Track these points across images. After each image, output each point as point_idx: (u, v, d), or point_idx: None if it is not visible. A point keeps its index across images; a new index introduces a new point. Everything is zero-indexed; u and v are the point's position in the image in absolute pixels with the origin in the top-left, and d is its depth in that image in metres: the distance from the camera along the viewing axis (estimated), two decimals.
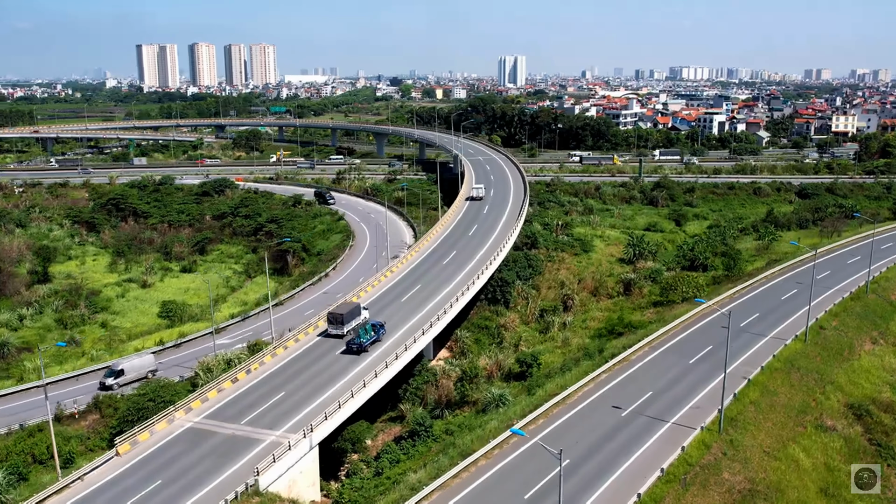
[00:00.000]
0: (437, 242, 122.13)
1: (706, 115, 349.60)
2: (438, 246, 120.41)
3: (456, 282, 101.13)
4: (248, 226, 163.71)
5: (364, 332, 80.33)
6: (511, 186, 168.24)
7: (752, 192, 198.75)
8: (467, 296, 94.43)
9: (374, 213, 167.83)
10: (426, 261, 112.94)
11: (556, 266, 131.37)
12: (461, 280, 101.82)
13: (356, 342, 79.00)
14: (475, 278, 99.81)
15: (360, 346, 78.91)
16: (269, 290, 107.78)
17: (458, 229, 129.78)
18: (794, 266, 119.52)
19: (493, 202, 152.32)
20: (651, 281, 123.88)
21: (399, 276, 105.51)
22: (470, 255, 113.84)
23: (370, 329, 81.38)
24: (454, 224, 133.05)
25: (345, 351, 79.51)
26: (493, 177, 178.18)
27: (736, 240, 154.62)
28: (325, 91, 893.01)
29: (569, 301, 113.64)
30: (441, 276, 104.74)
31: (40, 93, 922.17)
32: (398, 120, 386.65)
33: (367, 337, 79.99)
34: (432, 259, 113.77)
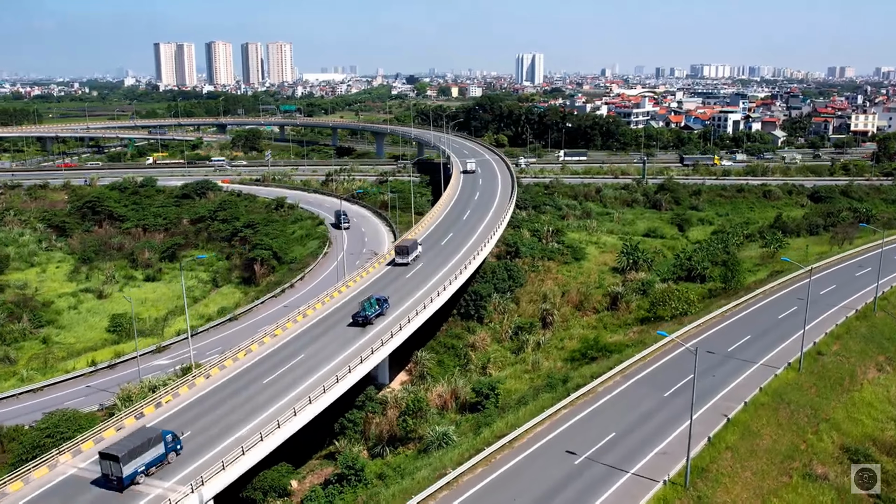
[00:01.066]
0: None
1: (721, 113, 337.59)
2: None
3: (417, 296, 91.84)
4: (225, 230, 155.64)
5: (369, 305, 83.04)
6: (498, 190, 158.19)
7: (761, 195, 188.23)
8: (423, 315, 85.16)
9: (358, 217, 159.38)
10: (393, 270, 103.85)
11: (542, 277, 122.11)
12: (425, 292, 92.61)
13: (362, 314, 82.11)
14: (438, 292, 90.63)
15: (366, 318, 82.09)
16: (210, 307, 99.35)
17: (433, 237, 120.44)
18: (798, 279, 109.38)
19: (476, 206, 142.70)
20: (641, 294, 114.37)
21: (359, 290, 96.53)
22: (441, 265, 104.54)
23: (374, 303, 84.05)
24: (429, 231, 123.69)
25: (351, 324, 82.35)
26: (480, 180, 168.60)
27: (740, 247, 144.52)
28: (341, 90, 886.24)
29: (548, 317, 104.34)
30: (404, 288, 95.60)
31: (58, 91, 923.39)
32: (406, 119, 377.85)
33: (371, 310, 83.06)
34: (399, 269, 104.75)
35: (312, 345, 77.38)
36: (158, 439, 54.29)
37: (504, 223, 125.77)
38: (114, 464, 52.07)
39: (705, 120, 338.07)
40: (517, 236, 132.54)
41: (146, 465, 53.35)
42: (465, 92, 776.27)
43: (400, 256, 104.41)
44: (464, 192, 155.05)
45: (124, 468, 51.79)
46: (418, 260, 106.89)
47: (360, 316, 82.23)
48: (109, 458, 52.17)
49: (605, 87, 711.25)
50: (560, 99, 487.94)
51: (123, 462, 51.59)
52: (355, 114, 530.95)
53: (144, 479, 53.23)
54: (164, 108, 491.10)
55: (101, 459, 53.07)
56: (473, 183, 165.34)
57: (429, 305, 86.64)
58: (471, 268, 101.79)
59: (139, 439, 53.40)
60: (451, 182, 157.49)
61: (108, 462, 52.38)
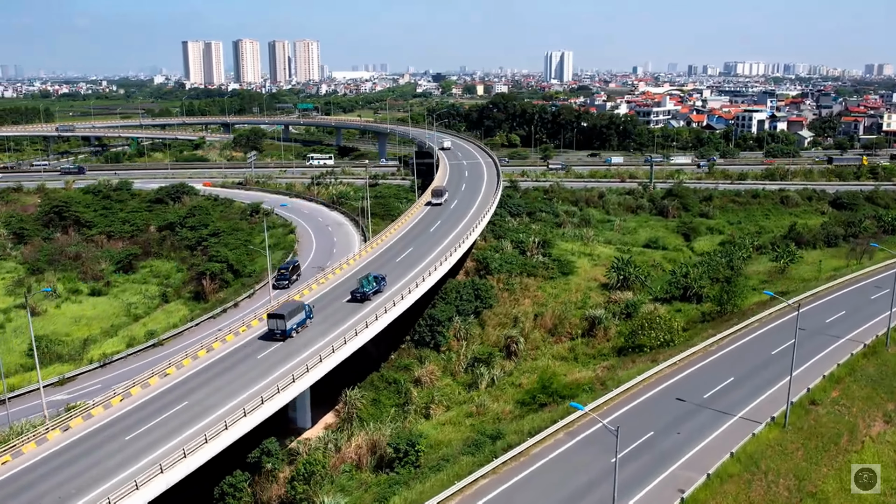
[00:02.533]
0: (357, 269, 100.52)
1: (745, 112, 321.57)
2: (358, 273, 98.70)
3: (356, 317, 79.62)
4: (192, 239, 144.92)
5: (367, 282, 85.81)
6: (479, 197, 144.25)
7: (778, 201, 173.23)
8: (354, 343, 73.08)
9: (335, 224, 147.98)
10: (340, 287, 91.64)
11: (517, 296, 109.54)
12: (365, 314, 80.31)
13: (360, 291, 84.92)
14: (379, 313, 78.53)
15: (364, 294, 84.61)
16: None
17: (390, 252, 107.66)
18: (806, 301, 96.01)
19: (451, 215, 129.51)
20: (625, 317, 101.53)
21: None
22: (394, 281, 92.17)
23: (372, 280, 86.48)
24: (387, 246, 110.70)
25: (350, 300, 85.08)
26: (465, 185, 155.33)
27: (747, 261, 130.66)
28: (365, 88, 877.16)
29: (513, 345, 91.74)
30: (336, 315, 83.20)
31: (85, 89, 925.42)
32: (419, 118, 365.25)
33: (370, 287, 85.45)
34: (348, 285, 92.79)
35: (208, 385, 65.55)
36: (302, 307, 76.46)
37: (471, 238, 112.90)
38: (279, 320, 73.27)
39: (729, 119, 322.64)
40: (489, 252, 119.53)
41: (297, 324, 74.54)
42: (491, 90, 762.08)
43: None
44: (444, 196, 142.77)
45: (287, 323, 73.16)
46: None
47: (358, 293, 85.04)
48: (276, 317, 73.47)
49: (632, 85, 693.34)
50: (581, 97, 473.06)
51: (287, 319, 72.85)
52: (374, 112, 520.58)
53: (296, 334, 73.57)
54: (178, 107, 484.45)
55: (268, 318, 74.53)
56: (457, 185, 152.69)
57: (361, 332, 74.65)
58: (420, 290, 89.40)
59: (293, 306, 75.95)
60: (432, 185, 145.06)
61: (275, 319, 73.70)
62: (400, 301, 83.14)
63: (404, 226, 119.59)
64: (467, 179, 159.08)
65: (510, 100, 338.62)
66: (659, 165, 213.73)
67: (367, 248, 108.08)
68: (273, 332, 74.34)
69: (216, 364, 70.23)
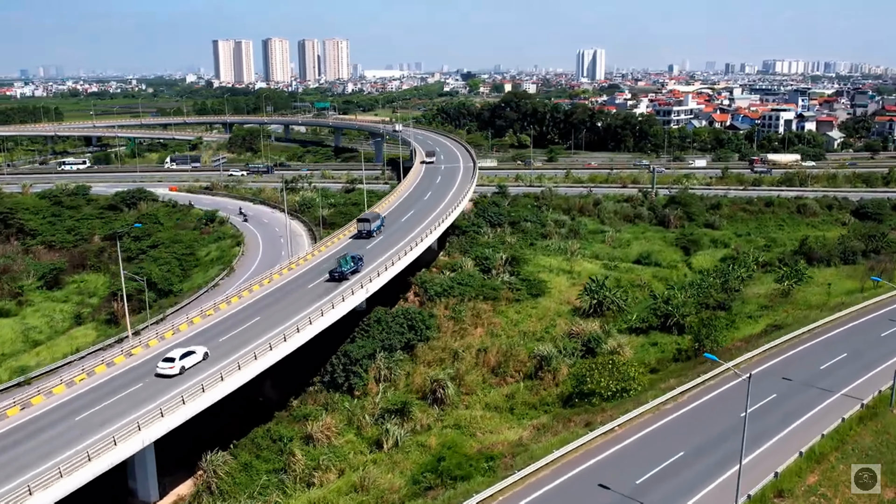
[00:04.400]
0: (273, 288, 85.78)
1: (773, 111, 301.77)
2: (274, 292, 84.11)
3: (247, 349, 64.99)
4: (133, 250, 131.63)
5: (345, 262, 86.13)
6: (438, 208, 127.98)
7: (795, 210, 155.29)
8: (228, 383, 58.54)
9: (293, 235, 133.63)
10: (241, 313, 77.12)
11: (467, 325, 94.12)
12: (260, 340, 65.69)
13: (338, 270, 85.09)
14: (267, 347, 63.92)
15: (342, 274, 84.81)
16: None
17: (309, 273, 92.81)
18: (802, 338, 79.79)
19: (399, 228, 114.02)
20: (585, 353, 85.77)
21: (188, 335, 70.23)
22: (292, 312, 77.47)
23: (350, 260, 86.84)
24: (306, 268, 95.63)
25: (328, 279, 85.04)
26: (429, 193, 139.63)
27: (747, 281, 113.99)
28: (392, 86, 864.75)
29: (439, 390, 76.33)
30: (224, 346, 68.64)
31: (114, 88, 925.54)
32: (434, 118, 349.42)
33: (347, 267, 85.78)
34: (265, 302, 78.22)
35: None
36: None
37: (413, 252, 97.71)
38: (365, 223, 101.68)
39: (755, 119, 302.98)
40: (430, 275, 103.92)
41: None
42: (519, 88, 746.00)
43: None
44: (408, 201, 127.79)
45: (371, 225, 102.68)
46: (282, 300, 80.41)
47: (336, 272, 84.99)
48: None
49: (662, 83, 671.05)
50: (603, 96, 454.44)
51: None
52: (392, 112, 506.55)
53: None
54: (191, 105, 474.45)
55: (358, 222, 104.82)
56: (418, 201, 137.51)
57: (221, 382, 60.00)
58: (331, 315, 74.41)
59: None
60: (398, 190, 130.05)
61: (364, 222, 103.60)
62: (294, 334, 68.43)
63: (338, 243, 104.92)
64: (437, 186, 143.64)
65: (522, 98, 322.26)
66: (665, 168, 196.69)
67: (286, 268, 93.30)
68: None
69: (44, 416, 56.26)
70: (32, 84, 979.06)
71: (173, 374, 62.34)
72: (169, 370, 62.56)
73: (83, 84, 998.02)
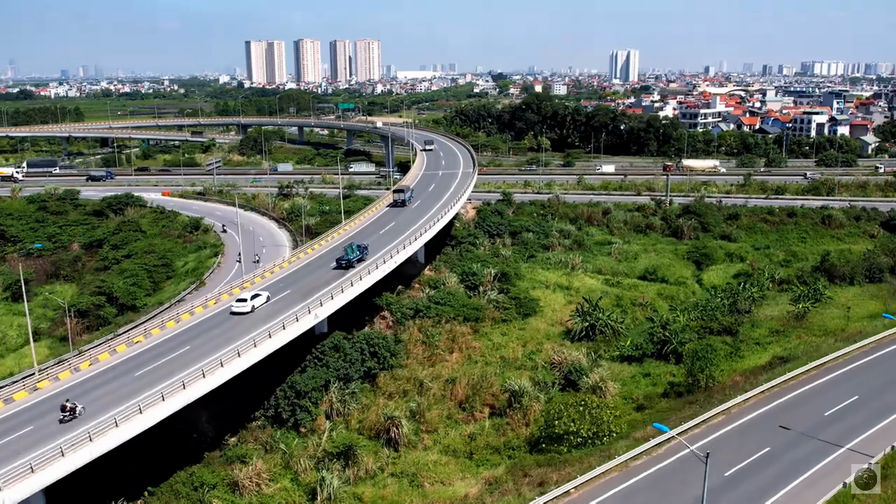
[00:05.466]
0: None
1: (804, 115, 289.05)
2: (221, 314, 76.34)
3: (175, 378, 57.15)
4: (111, 259, 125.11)
5: (351, 250, 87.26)
6: (421, 220, 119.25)
7: (819, 221, 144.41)
8: (148, 416, 50.85)
9: (273, 245, 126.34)
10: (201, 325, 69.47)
11: (441, 350, 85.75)
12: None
13: (345, 258, 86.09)
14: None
15: (349, 262, 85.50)
16: None
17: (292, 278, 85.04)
18: (810, 377, 70.38)
19: (376, 242, 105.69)
20: (565, 387, 77.03)
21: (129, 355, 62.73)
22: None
23: (356, 249, 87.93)
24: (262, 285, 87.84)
25: (335, 267, 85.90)
26: (417, 202, 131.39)
27: (759, 302, 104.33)
28: (421, 87, 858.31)
29: (393, 429, 67.92)
30: (158, 373, 60.71)
31: (146, 88, 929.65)
32: (453, 121, 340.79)
33: (353, 255, 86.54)
34: (209, 325, 70.60)
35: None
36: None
37: (378, 271, 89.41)
38: (401, 194, 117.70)
39: (786, 122, 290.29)
40: (393, 297, 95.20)
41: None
42: (549, 90, 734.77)
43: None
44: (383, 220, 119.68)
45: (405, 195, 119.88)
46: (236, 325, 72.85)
47: (343, 260, 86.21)
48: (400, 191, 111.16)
49: (693, 84, 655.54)
50: (631, 98, 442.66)
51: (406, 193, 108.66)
52: (416, 113, 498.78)
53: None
54: (213, 107, 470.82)
55: (393, 192, 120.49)
56: (417, 194, 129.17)
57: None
58: (272, 342, 66.36)
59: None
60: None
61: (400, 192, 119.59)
62: (234, 359, 60.59)
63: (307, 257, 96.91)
64: (428, 194, 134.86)
65: (543, 100, 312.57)
66: (682, 175, 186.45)
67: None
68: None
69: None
70: (67, 84, 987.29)
71: (246, 311, 73.16)
72: (242, 308, 73.40)
73: (116, 84, 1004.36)
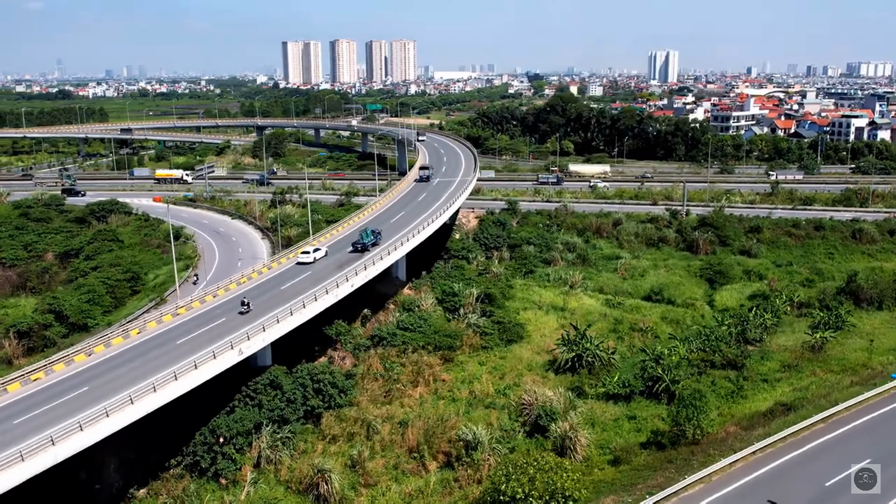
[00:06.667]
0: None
1: (843, 118, 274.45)
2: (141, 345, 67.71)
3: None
4: (81, 271, 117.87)
5: (366, 235, 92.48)
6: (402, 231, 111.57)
7: (849, 236, 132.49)
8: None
9: (251, 257, 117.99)
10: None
11: (404, 385, 76.52)
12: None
13: (360, 242, 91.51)
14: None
15: (364, 245, 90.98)
16: None
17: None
18: (815, 432, 60.02)
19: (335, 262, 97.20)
20: (533, 432, 67.37)
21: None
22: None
23: (370, 234, 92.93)
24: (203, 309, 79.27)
25: (351, 251, 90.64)
26: (400, 214, 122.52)
27: (773, 330, 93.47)
28: (455, 88, 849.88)
29: (322, 484, 58.72)
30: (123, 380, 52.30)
31: (182, 88, 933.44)
32: (475, 123, 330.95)
33: (368, 239, 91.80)
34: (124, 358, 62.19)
35: None
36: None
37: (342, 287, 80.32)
38: (425, 171, 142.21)
39: (823, 126, 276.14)
40: (341, 326, 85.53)
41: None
42: (585, 91, 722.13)
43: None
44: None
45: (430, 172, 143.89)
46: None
47: (359, 244, 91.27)
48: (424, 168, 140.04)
49: (731, 85, 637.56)
50: (664, 100, 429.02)
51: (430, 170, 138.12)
52: (445, 114, 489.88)
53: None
54: (240, 107, 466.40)
55: (420, 170, 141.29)
56: (408, 201, 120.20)
57: None
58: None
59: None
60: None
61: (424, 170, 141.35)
62: (148, 394, 51.98)
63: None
64: (417, 203, 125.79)
65: (568, 102, 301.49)
66: (699, 183, 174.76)
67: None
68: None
69: None
70: (105, 84, 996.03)
71: (310, 261, 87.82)
72: (307, 259, 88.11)
73: (153, 84, 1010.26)
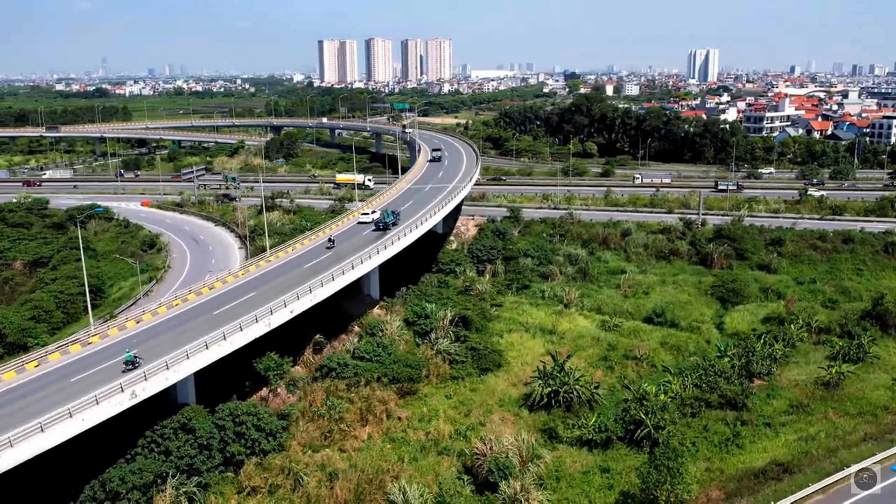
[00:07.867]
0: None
1: (884, 119, 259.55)
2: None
3: None
4: (45, 281, 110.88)
5: (387, 214, 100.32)
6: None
7: (881, 249, 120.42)
8: None
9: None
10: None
11: (351, 425, 67.35)
12: None
13: (382, 221, 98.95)
14: None
15: (385, 224, 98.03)
16: None
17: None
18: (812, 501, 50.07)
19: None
20: (482, 489, 57.73)
21: None
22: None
23: (391, 213, 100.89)
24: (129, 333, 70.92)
25: (374, 230, 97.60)
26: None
27: (782, 361, 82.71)
28: (489, 87, 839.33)
29: None
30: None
31: (218, 87, 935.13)
32: (497, 123, 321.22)
33: (389, 219, 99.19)
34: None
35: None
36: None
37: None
38: (438, 152, 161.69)
39: (863, 127, 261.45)
40: (272, 359, 76.63)
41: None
42: (621, 90, 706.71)
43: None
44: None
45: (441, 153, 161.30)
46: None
47: (381, 223, 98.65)
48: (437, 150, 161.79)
49: (771, 84, 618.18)
50: (697, 100, 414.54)
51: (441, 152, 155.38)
52: (474, 114, 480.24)
53: None
54: (265, 104, 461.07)
55: (432, 151, 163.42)
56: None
57: None
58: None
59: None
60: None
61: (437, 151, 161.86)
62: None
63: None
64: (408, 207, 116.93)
65: (594, 102, 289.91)
66: (718, 192, 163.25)
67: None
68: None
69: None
70: (142, 83, 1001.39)
71: (369, 221, 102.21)
72: (367, 219, 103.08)
73: (189, 83, 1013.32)
